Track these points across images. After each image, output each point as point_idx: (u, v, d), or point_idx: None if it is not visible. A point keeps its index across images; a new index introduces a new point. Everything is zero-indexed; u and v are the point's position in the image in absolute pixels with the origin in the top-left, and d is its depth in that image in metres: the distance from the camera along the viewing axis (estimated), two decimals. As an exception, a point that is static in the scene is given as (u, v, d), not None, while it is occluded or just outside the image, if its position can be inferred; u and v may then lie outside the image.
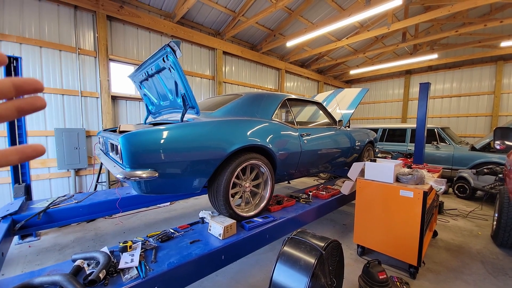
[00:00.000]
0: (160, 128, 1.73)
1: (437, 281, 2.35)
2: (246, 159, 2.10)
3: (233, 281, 2.34)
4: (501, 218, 2.97)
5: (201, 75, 6.46)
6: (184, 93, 1.95)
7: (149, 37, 5.42)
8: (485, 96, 8.80)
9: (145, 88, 2.72)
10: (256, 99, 2.65)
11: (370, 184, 2.57)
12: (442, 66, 9.70)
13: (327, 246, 1.54)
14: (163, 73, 2.14)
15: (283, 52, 8.65)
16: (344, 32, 7.95)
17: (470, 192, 5.04)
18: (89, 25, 4.57)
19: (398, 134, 6.94)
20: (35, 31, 4.04)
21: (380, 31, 6.49)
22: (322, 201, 2.83)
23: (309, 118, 4.18)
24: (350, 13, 5.38)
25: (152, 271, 1.43)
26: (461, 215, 4.19)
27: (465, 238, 3.31)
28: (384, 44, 9.18)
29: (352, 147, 3.68)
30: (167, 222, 3.78)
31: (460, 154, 5.72)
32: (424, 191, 2.22)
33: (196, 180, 1.89)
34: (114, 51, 4.91)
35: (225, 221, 1.95)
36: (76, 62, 4.41)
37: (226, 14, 6.12)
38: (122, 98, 5.12)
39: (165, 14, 5.60)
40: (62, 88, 4.29)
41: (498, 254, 2.89)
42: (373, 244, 2.60)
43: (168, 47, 1.76)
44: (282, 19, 6.86)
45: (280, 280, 1.49)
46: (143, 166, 1.61)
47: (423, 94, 4.26)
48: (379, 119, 11.68)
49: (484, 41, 7.39)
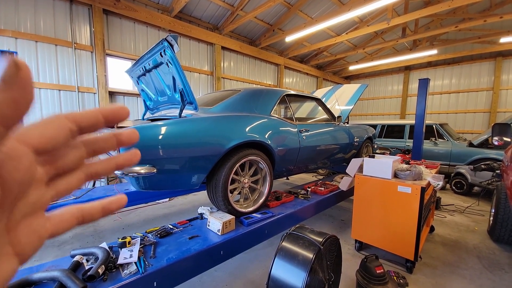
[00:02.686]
0: (158, 124, 1.72)
1: (434, 276, 2.37)
2: (245, 155, 2.09)
3: (232, 276, 2.36)
4: (498, 213, 2.99)
5: (199, 71, 6.41)
6: (182, 89, 1.93)
7: (146, 31, 5.36)
8: (484, 92, 8.81)
9: (142, 84, 2.70)
10: (255, 95, 2.64)
11: (369, 180, 2.58)
12: (441, 62, 9.68)
13: (325, 241, 1.55)
14: (160, 68, 2.11)
15: (282, 48, 8.58)
16: (344, 27, 7.89)
17: (467, 188, 5.08)
18: (85, 19, 4.50)
19: (397, 130, 6.95)
20: (31, 26, 3.98)
21: (380, 26, 6.45)
22: (320, 197, 2.84)
23: (308, 114, 4.17)
24: (349, 7, 5.33)
25: (151, 266, 1.44)
26: (458, 211, 4.23)
27: (462, 233, 3.34)
28: (384, 40, 9.13)
29: (350, 143, 3.68)
30: (166, 218, 3.79)
31: (458, 150, 5.74)
32: (422, 187, 2.23)
33: (194, 176, 1.89)
34: (111, 45, 4.86)
35: (224, 216, 1.95)
36: (72, 56, 4.36)
37: (225, 9, 6.04)
38: (119, 94, 5.08)
39: (162, 8, 5.52)
40: (58, 84, 4.25)
41: (494, 249, 2.92)
42: (371, 239, 2.62)
43: (165, 41, 1.74)
44: (281, 14, 6.79)
45: (278, 275, 1.51)
46: (141, 162, 1.60)
47: (422, 90, 4.25)
48: (378, 115, 11.68)
49: (483, 37, 7.37)
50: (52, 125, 0.21)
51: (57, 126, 0.21)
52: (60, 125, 0.21)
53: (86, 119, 0.23)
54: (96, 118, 0.23)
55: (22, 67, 0.17)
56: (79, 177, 0.26)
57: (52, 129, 0.21)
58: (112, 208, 0.28)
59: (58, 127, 0.21)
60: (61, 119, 0.21)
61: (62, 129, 0.21)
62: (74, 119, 0.22)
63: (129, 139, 0.27)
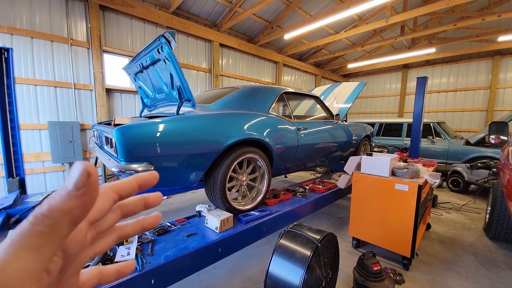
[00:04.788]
0: (155, 121, 1.70)
1: (430, 273, 2.40)
2: (243, 152, 2.09)
3: (230, 273, 2.36)
4: (494, 211, 3.02)
5: (197, 68, 6.37)
6: (179, 86, 1.92)
7: (143, 28, 5.30)
8: (481, 91, 8.85)
9: (140, 81, 2.67)
10: (253, 93, 2.63)
11: (366, 178, 2.59)
12: (440, 61, 9.70)
13: (322, 238, 1.56)
14: (158, 65, 2.09)
15: (280, 45, 8.55)
16: (343, 25, 7.87)
17: (464, 186, 5.12)
18: (81, 15, 4.45)
19: (395, 129, 6.98)
20: (26, 22, 3.93)
21: (378, 24, 6.43)
22: (318, 195, 2.85)
23: (307, 112, 4.17)
24: (348, 5, 5.31)
25: (148, 264, 1.43)
26: (454, 208, 4.26)
27: (458, 231, 3.37)
28: (383, 38, 9.12)
29: (349, 141, 3.69)
30: (164, 215, 3.78)
31: (455, 149, 5.78)
32: (419, 184, 2.24)
33: (192, 174, 1.88)
34: (107, 42, 4.80)
35: (221, 214, 1.95)
36: (69, 53, 4.31)
37: (223, 5, 6.00)
38: (116, 91, 5.03)
39: (160, 4, 5.46)
40: (54, 80, 4.20)
41: (490, 247, 2.95)
42: (368, 237, 2.64)
43: (162, 37, 1.71)
44: (279, 11, 6.76)
45: (276, 272, 1.51)
46: (139, 160, 1.59)
47: (420, 88, 4.26)
48: (376, 114, 11.71)
49: (481, 35, 7.38)
50: (102, 199, 0.24)
51: (106, 200, 0.24)
52: (108, 198, 0.24)
53: (126, 189, 0.26)
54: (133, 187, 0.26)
55: (92, 174, 0.20)
56: (114, 238, 0.30)
57: (102, 203, 0.24)
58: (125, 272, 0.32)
59: (106, 201, 0.24)
60: (109, 193, 0.24)
61: (109, 202, 0.24)
62: (117, 191, 0.25)
63: (155, 202, 0.30)
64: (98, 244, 0.28)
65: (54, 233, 0.19)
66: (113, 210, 0.28)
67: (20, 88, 3.87)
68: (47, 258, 0.19)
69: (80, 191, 0.19)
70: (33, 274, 0.19)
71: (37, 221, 0.19)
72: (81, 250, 0.24)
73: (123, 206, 0.29)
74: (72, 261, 0.23)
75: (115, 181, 0.26)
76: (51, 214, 0.19)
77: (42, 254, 0.19)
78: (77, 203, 0.19)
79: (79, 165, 0.20)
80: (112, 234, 0.30)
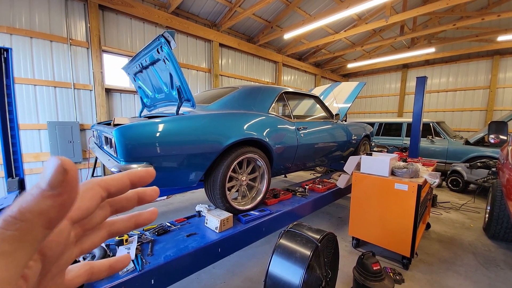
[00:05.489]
0: (155, 121, 1.70)
1: (429, 272, 2.40)
2: (243, 152, 2.09)
3: (230, 273, 2.37)
4: (493, 211, 3.02)
5: (197, 68, 6.37)
6: (179, 86, 1.92)
7: (143, 28, 5.30)
8: (481, 91, 8.85)
9: (139, 81, 2.67)
10: (253, 92, 2.63)
11: (366, 178, 2.59)
12: (439, 60, 9.70)
13: (322, 238, 1.56)
14: (157, 65, 2.09)
15: (280, 45, 8.55)
16: (342, 24, 7.87)
17: (463, 185, 5.12)
18: (80, 14, 4.44)
19: (394, 128, 6.98)
20: (26, 22, 3.92)
21: (378, 23, 6.44)
22: (318, 195, 2.85)
23: (306, 111, 4.17)
24: (348, 5, 5.31)
25: (148, 264, 1.43)
26: (453, 208, 4.27)
27: (458, 230, 3.38)
28: (382, 38, 9.12)
29: (348, 141, 3.69)
30: (164, 215, 3.78)
31: (454, 148, 5.79)
32: (418, 184, 2.24)
33: (192, 174, 1.88)
34: (107, 42, 4.80)
35: (221, 214, 1.95)
36: (68, 53, 4.30)
37: (222, 5, 5.99)
38: (116, 91, 5.03)
39: (159, 4, 5.46)
40: (54, 80, 4.20)
41: (489, 246, 2.96)
42: (368, 236, 2.64)
43: (162, 37, 1.71)
44: (279, 11, 6.75)
45: (276, 272, 1.51)
46: (138, 160, 1.59)
47: (420, 88, 4.26)
48: (375, 113, 11.71)
49: (481, 35, 7.39)
50: (87, 195, 0.22)
51: (92, 196, 0.22)
52: (94, 195, 0.22)
53: (115, 186, 0.24)
54: (124, 184, 0.25)
55: (69, 170, 0.18)
56: (103, 235, 0.28)
57: (87, 200, 0.22)
58: (117, 267, 0.30)
59: (92, 197, 0.22)
60: (95, 188, 0.23)
61: (95, 199, 0.23)
62: (105, 187, 0.23)
63: (150, 197, 0.28)
64: (84, 242, 0.26)
65: (28, 237, 0.17)
66: (102, 206, 0.26)
67: (20, 88, 3.86)
68: (21, 264, 0.17)
69: (55, 190, 0.17)
70: (7, 283, 0.17)
71: (7, 224, 0.17)
72: (63, 250, 0.23)
73: (113, 200, 0.27)
74: (53, 263, 0.22)
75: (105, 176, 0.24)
76: (22, 216, 0.17)
77: (15, 261, 0.17)
78: (53, 204, 0.17)
79: (53, 160, 0.17)
80: (101, 231, 0.28)
